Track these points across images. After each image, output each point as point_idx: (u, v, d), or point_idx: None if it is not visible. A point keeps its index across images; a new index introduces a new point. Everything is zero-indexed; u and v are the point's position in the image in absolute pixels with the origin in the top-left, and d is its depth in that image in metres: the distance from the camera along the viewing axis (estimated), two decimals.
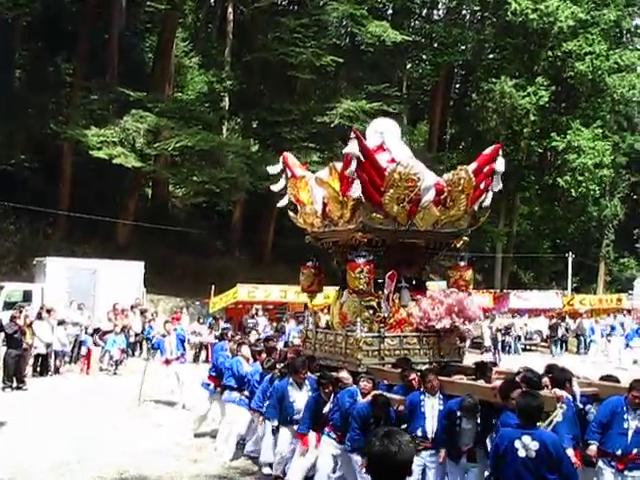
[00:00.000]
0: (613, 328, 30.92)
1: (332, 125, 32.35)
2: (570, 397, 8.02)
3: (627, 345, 29.89)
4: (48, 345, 20.14)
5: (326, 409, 9.35)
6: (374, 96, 33.99)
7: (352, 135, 9.68)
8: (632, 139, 49.54)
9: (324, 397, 9.42)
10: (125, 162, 29.17)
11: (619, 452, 7.92)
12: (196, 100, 36.78)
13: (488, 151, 10.74)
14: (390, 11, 43.94)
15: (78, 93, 31.78)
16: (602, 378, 9.20)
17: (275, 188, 11.78)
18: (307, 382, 10.00)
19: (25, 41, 34.33)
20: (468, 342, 27.05)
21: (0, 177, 28.79)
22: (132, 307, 25.21)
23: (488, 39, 41.56)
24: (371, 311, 10.22)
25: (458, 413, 8.17)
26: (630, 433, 7.92)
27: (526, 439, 6.46)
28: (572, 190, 39.47)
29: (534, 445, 6.41)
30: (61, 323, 21.13)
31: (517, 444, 6.50)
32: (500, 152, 10.70)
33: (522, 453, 6.47)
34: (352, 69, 37.49)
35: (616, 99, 40.93)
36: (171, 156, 33.10)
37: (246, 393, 11.50)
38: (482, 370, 9.12)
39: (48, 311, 20.89)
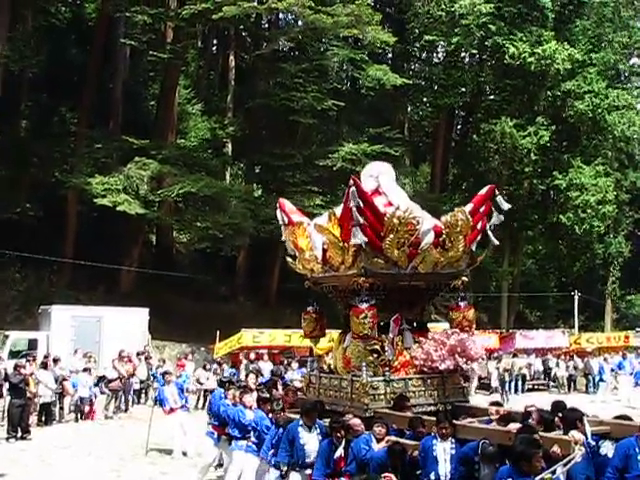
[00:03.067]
0: (621, 366, 30.72)
1: (334, 168, 32.57)
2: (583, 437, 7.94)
3: (637, 383, 29.68)
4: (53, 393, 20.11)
5: (337, 454, 9.27)
6: (375, 139, 34.30)
7: (350, 182, 9.74)
8: (634, 176, 49.80)
9: (336, 442, 9.35)
10: (129, 209, 29.34)
11: None
12: (199, 146, 37.17)
13: (483, 191, 10.80)
14: (390, 55, 44.51)
15: (82, 142, 32.13)
16: (617, 418, 9.10)
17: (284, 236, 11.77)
18: (316, 425, 9.94)
19: (31, 91, 34.82)
20: (476, 383, 27.16)
21: (5, 225, 28.98)
22: (138, 354, 25.14)
23: (487, 81, 41.94)
24: (375, 355, 10.17)
25: (476, 458, 8.10)
26: None
27: None
28: (576, 227, 39.52)
29: None
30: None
31: None
32: (496, 192, 10.76)
33: None
34: (353, 113, 37.83)
35: (617, 136, 41.12)
36: (175, 202, 33.31)
37: (253, 440, 11.39)
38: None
39: (55, 361, 20.95)
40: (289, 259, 11.60)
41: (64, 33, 35.09)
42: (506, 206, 10.78)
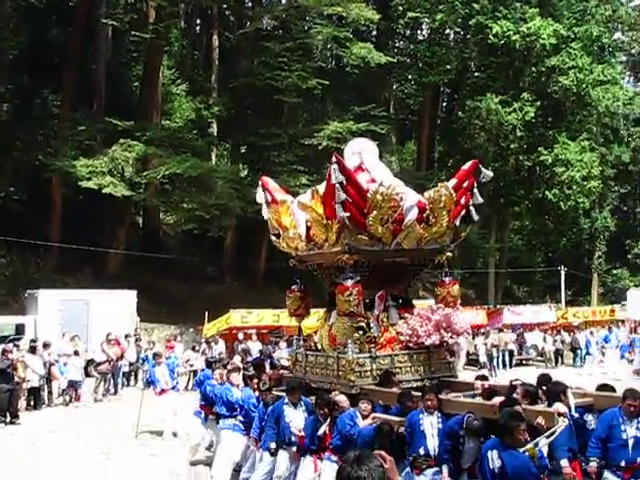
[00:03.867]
0: (607, 340, 31.01)
1: (320, 147, 32.46)
2: (567, 410, 8.02)
3: (622, 356, 30.01)
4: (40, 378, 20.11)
5: (321, 431, 9.33)
6: (361, 117, 34.19)
7: (333, 159, 9.71)
8: (619, 151, 49.96)
9: (320, 419, 9.41)
10: (114, 191, 29.19)
11: (623, 463, 7.94)
12: (184, 127, 36.95)
13: (467, 166, 10.81)
14: (374, 33, 44.29)
15: (66, 124, 31.86)
16: (598, 388, 9.20)
17: (265, 214, 11.75)
18: (302, 402, 9.99)
19: (11, 74, 34.41)
20: (464, 359, 27.31)
21: None
22: (126, 336, 25.11)
23: (472, 58, 41.87)
24: (361, 332, 10.19)
25: (461, 432, 8.16)
26: (630, 443, 7.95)
27: (493, 454, 6.89)
28: (561, 203, 39.68)
29: (498, 462, 6.83)
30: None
31: (488, 454, 6.94)
32: (480, 166, 10.77)
33: (491, 465, 6.89)
34: (338, 91, 37.71)
35: (601, 112, 41.25)
36: (161, 184, 33.16)
37: (240, 418, 11.44)
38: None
39: (45, 345, 20.94)
40: (273, 238, 11.59)
41: (44, 14, 34.71)
42: (489, 175, 10.79)
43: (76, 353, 21.69)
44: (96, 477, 12.20)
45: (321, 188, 10.21)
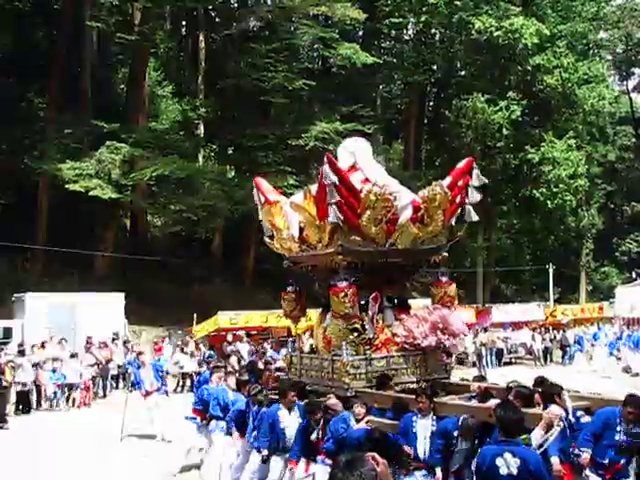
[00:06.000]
0: (596, 337, 31.12)
1: (307, 148, 32.47)
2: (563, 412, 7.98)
3: (610, 353, 30.11)
4: (24, 384, 19.96)
5: (313, 436, 9.25)
6: (348, 117, 34.22)
7: (325, 160, 9.64)
8: (605, 149, 50.24)
9: (313, 424, 9.33)
10: (101, 194, 29.05)
11: (606, 461, 7.90)
12: (170, 129, 36.81)
13: (461, 165, 10.75)
14: (360, 33, 44.27)
15: (52, 127, 31.64)
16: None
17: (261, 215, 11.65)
18: (297, 407, 9.90)
19: None
20: (454, 358, 27.31)
21: None
22: (114, 339, 24.97)
23: (458, 57, 41.91)
24: (356, 334, 10.10)
25: (455, 433, 8.10)
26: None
27: (508, 456, 6.39)
28: (548, 202, 39.73)
29: (515, 462, 6.34)
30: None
31: (498, 461, 6.42)
32: (474, 165, 10.72)
33: (504, 470, 6.39)
34: (325, 91, 37.67)
35: (587, 110, 41.41)
36: (148, 186, 33.00)
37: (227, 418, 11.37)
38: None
39: (33, 347, 20.85)
40: (267, 239, 11.50)
41: (29, 16, 34.42)
42: (481, 181, 10.72)
43: (73, 356, 21.60)
44: None
45: (314, 188, 10.13)
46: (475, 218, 10.82)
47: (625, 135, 58.55)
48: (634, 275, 52.23)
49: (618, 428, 7.92)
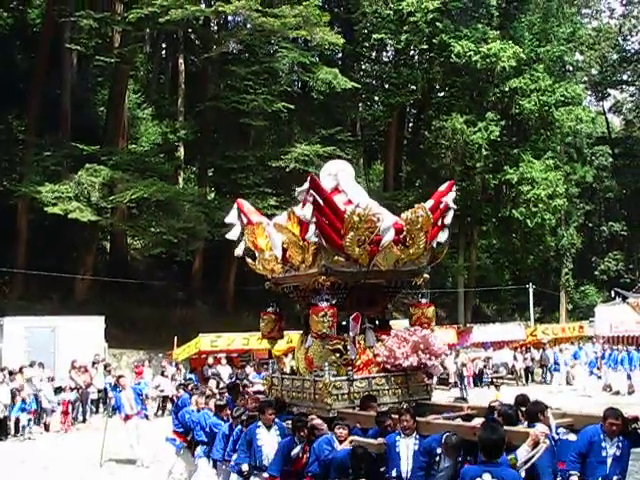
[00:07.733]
0: (577, 356, 31.27)
1: (287, 170, 32.55)
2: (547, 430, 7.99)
3: (591, 372, 30.27)
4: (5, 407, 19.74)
5: (294, 451, 9.20)
6: (328, 140, 34.31)
7: (308, 180, 9.67)
8: (583, 170, 50.81)
9: (297, 441, 9.27)
10: (81, 217, 28.87)
11: (600, 479, 7.93)
12: (150, 151, 36.80)
13: (443, 187, 10.82)
14: (340, 55, 44.55)
15: (31, 150, 31.51)
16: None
17: (230, 236, 11.64)
18: (276, 426, 9.85)
19: None
20: (435, 378, 27.31)
21: None
22: (94, 363, 24.75)
23: (437, 78, 42.26)
24: (337, 354, 10.09)
25: (438, 450, 8.07)
26: (609, 461, 7.94)
27: (487, 477, 6.38)
28: (528, 221, 40.05)
29: None
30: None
31: None
32: (454, 188, 10.81)
33: None
34: (304, 114, 37.84)
35: (564, 131, 41.91)
36: (128, 208, 32.86)
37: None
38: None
39: (11, 373, 20.61)
40: (249, 260, 11.46)
41: (8, 39, 34.43)
42: (452, 204, 10.75)
43: (50, 379, 21.40)
44: None
45: (297, 209, 10.14)
46: (445, 237, 10.82)
47: (602, 155, 59.21)
48: (613, 294, 52.54)
49: (603, 444, 7.96)
